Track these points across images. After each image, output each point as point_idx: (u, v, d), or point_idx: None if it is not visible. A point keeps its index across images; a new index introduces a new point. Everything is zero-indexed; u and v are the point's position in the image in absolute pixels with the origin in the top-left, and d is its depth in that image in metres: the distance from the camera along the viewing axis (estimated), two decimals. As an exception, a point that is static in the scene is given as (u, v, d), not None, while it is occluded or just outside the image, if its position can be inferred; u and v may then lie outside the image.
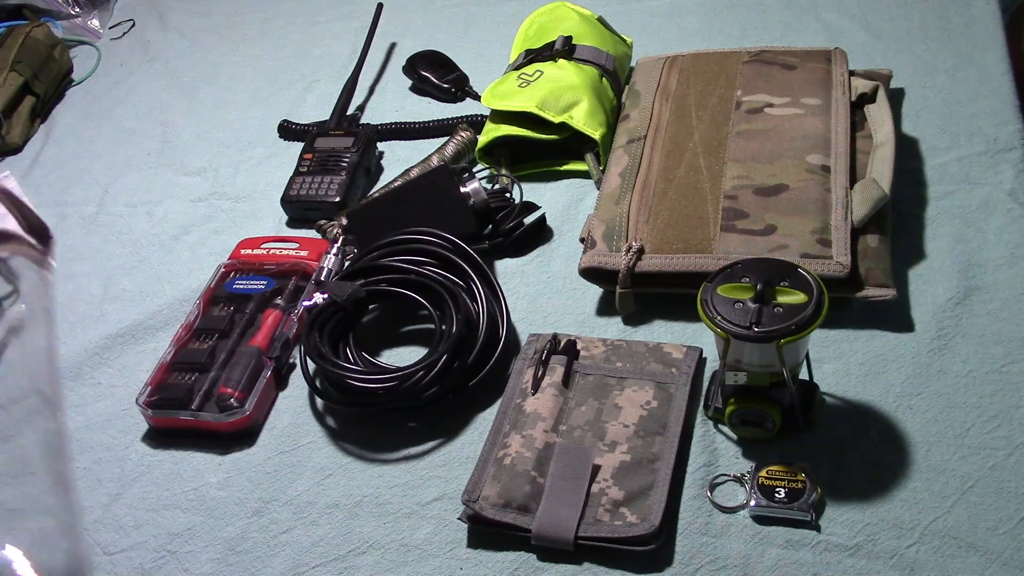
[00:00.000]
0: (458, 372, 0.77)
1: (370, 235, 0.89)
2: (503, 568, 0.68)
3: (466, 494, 0.70)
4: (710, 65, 0.98)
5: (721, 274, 0.66)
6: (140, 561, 0.73)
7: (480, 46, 1.22)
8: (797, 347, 0.65)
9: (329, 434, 0.80)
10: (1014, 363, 0.74)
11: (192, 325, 0.88)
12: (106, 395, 0.87)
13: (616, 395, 0.75)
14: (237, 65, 1.31)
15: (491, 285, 0.83)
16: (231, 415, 0.79)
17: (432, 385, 0.76)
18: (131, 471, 0.80)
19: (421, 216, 0.89)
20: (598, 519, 0.67)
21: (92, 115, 1.28)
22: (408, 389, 0.75)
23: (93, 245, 1.06)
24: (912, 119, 0.96)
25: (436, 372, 0.76)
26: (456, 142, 1.02)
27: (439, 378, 0.76)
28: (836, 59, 0.95)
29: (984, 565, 0.63)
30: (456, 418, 0.79)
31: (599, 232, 0.84)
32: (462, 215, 0.89)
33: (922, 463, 0.69)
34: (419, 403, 0.77)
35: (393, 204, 0.91)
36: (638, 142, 0.92)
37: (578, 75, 0.98)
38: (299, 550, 0.72)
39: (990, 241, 0.83)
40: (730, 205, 0.82)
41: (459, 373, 0.78)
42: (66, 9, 1.43)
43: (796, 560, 0.65)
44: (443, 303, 0.80)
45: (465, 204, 0.89)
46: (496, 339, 0.81)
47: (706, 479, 0.70)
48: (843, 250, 0.77)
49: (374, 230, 0.89)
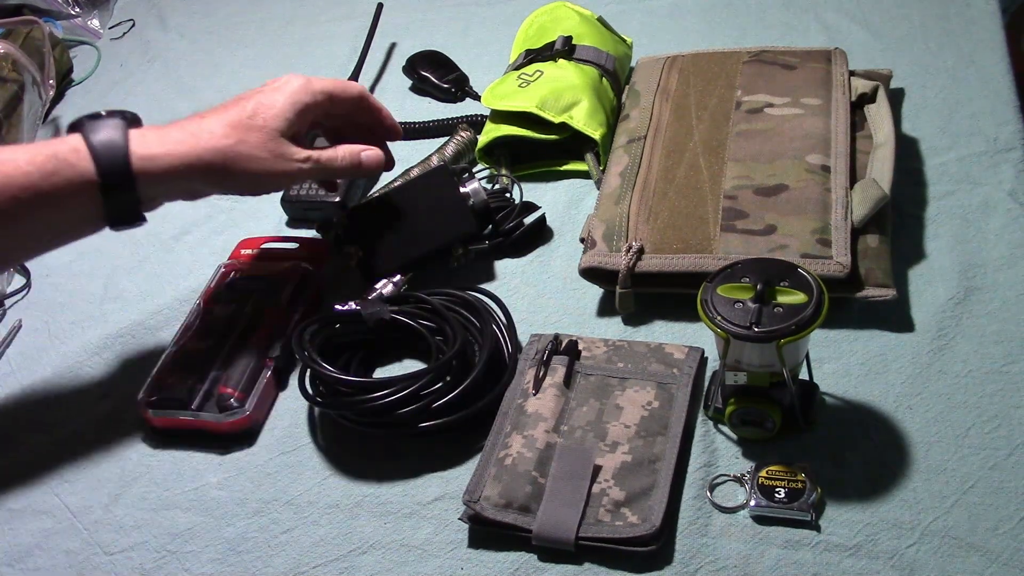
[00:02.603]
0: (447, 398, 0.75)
1: (369, 235, 0.89)
2: (504, 568, 0.68)
3: (467, 494, 0.70)
4: (710, 65, 0.98)
5: (721, 274, 0.66)
6: (140, 561, 0.74)
7: (480, 46, 1.22)
8: (797, 347, 0.65)
9: (330, 434, 0.80)
10: (1014, 363, 0.74)
11: (192, 325, 0.88)
12: (106, 395, 0.87)
13: (617, 395, 0.75)
14: (237, 65, 1.31)
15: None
16: (231, 415, 0.79)
17: (408, 403, 0.74)
18: (131, 471, 0.80)
19: (421, 215, 0.89)
20: (599, 519, 0.67)
21: (92, 115, 1.28)
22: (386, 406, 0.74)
23: (93, 245, 1.05)
24: (912, 119, 0.96)
25: (413, 391, 0.74)
26: (456, 142, 1.02)
27: (419, 398, 0.75)
28: (836, 59, 0.95)
29: (984, 565, 0.63)
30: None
31: (599, 232, 0.85)
32: (462, 215, 0.89)
33: (922, 463, 0.69)
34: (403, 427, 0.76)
35: (393, 204, 0.91)
36: (638, 142, 0.92)
37: (578, 75, 0.98)
38: (300, 550, 0.72)
39: (990, 241, 0.83)
40: (730, 205, 0.82)
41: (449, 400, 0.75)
42: (66, 9, 1.43)
43: (796, 560, 0.65)
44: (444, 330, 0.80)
45: (465, 204, 0.89)
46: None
47: (706, 479, 0.70)
48: (843, 250, 0.77)
49: (374, 229, 0.89)
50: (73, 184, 0.70)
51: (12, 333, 0.96)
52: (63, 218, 0.73)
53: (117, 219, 0.74)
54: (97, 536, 0.76)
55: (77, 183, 0.70)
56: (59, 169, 0.70)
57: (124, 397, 0.85)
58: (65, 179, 0.70)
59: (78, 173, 0.70)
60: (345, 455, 0.78)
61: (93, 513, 0.78)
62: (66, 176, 0.70)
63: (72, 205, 0.71)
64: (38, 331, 0.96)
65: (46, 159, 0.70)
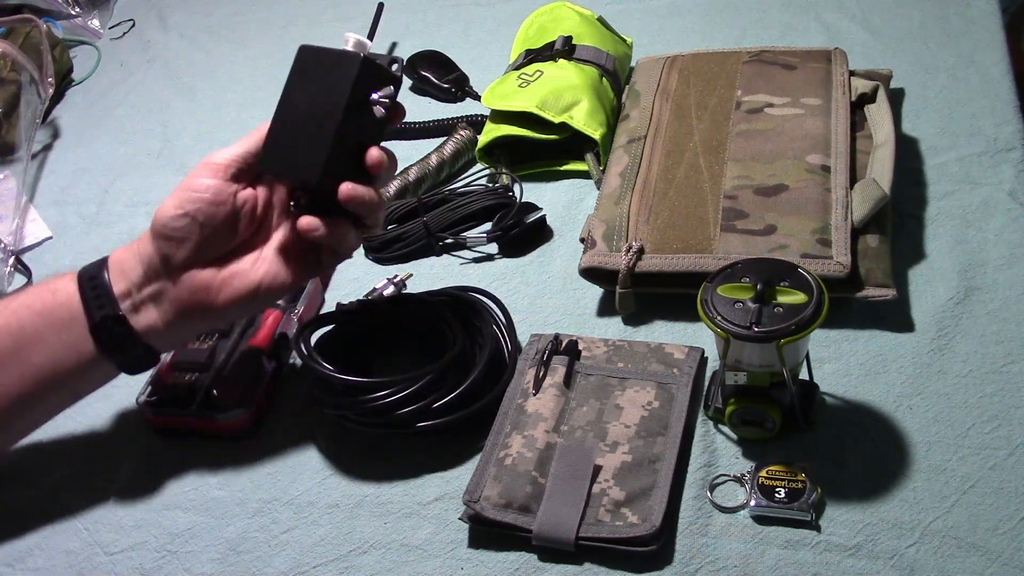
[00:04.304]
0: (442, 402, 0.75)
1: (291, 160, 0.69)
2: (504, 568, 0.68)
3: (467, 494, 0.70)
4: (710, 65, 0.98)
5: (721, 274, 0.66)
6: (140, 561, 0.74)
7: (480, 46, 1.22)
8: (797, 347, 0.65)
9: (329, 434, 0.80)
10: (1014, 363, 0.74)
11: (192, 325, 0.88)
12: (106, 395, 0.87)
13: (617, 395, 0.75)
14: (237, 65, 1.31)
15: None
16: (231, 415, 0.79)
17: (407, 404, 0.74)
18: (131, 471, 0.80)
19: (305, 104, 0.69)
20: (599, 519, 0.67)
21: (92, 115, 1.28)
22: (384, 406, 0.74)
23: (93, 245, 1.06)
24: (912, 119, 0.96)
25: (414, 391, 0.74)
26: (455, 141, 1.02)
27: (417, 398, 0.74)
28: (836, 59, 0.95)
29: (984, 565, 0.63)
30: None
31: (599, 232, 0.85)
32: (345, 63, 0.68)
33: (922, 463, 0.69)
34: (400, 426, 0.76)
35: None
36: (638, 142, 0.92)
37: (578, 75, 0.99)
38: (300, 550, 0.72)
39: (990, 241, 0.83)
40: (730, 205, 0.82)
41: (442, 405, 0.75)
42: (66, 9, 1.43)
43: (796, 560, 0.65)
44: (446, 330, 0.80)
45: (343, 54, 0.69)
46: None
47: (706, 479, 0.70)
48: (843, 250, 0.77)
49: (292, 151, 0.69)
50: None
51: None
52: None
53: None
54: (97, 536, 0.76)
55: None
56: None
57: (124, 397, 0.85)
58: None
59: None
60: (345, 455, 0.78)
61: (93, 513, 0.78)
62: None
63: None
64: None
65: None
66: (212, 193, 0.69)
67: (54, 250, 1.07)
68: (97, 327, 0.70)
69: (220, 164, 0.70)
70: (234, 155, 0.70)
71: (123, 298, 0.71)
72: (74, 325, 0.71)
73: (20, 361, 0.71)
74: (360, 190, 0.68)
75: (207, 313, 0.71)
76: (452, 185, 0.99)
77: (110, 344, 0.71)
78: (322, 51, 0.69)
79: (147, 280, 0.71)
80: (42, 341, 0.71)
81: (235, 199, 0.70)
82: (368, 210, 0.69)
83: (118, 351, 0.71)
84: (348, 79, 0.66)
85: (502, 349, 0.80)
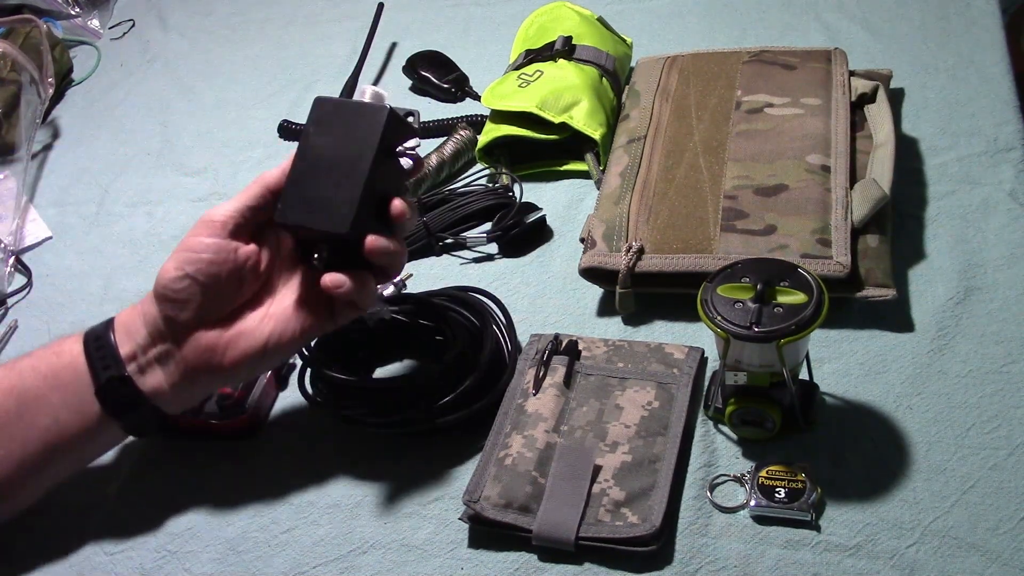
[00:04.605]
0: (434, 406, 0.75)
1: (317, 212, 0.66)
2: (504, 568, 0.68)
3: (467, 494, 0.70)
4: (710, 65, 0.98)
5: (721, 274, 0.66)
6: (140, 561, 0.74)
7: (480, 46, 1.22)
8: (797, 347, 0.65)
9: (329, 434, 0.80)
10: (1014, 363, 0.74)
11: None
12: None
13: (617, 395, 0.75)
14: (237, 65, 1.31)
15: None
16: (231, 415, 0.79)
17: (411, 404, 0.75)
18: (131, 471, 0.80)
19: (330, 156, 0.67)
20: (599, 519, 0.67)
21: (92, 115, 1.28)
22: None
23: (93, 245, 1.06)
24: (912, 119, 0.96)
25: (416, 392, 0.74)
26: (455, 141, 1.02)
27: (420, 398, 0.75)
28: (836, 59, 0.95)
29: (984, 565, 0.63)
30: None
31: (599, 232, 0.85)
32: (371, 116, 0.67)
33: (922, 463, 0.69)
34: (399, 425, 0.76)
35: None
36: (638, 142, 0.92)
37: (578, 75, 0.99)
38: (300, 550, 0.72)
39: (990, 241, 0.83)
40: (730, 205, 0.82)
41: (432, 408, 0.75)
42: (66, 9, 1.43)
43: (796, 560, 0.65)
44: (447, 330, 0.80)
45: (365, 106, 0.68)
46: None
47: (706, 479, 0.70)
48: (843, 250, 0.77)
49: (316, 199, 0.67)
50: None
51: (8, 334, 0.96)
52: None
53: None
54: (97, 536, 0.76)
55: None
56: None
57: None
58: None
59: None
60: (345, 455, 0.78)
61: (93, 513, 0.78)
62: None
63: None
64: (38, 331, 0.96)
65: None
66: (212, 252, 0.67)
67: (54, 250, 1.07)
68: (103, 388, 0.68)
69: (219, 221, 0.68)
70: (232, 211, 0.68)
71: (129, 360, 0.69)
72: (79, 386, 0.69)
73: (24, 424, 0.69)
74: (385, 242, 0.66)
75: (214, 374, 0.69)
76: (452, 185, 0.99)
77: (116, 406, 0.69)
78: (341, 103, 0.68)
79: (153, 342, 0.69)
80: (47, 403, 0.69)
81: (236, 256, 0.68)
82: (392, 261, 0.68)
83: (124, 413, 0.70)
84: (376, 130, 0.65)
85: (502, 349, 0.80)
